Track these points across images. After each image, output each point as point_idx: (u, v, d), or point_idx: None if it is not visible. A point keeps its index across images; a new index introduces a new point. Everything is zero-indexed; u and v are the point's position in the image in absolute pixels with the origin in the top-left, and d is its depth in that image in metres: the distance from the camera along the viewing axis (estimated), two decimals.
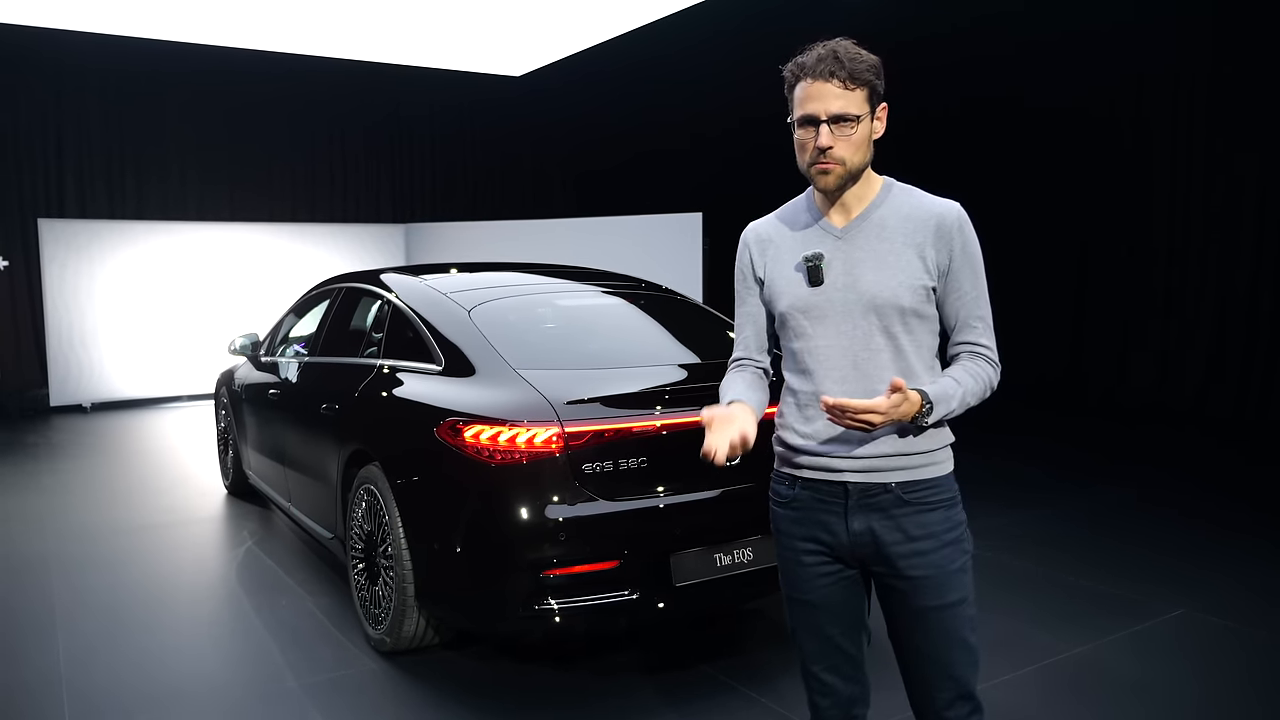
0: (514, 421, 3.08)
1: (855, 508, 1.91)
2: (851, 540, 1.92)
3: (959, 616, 1.90)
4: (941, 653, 1.90)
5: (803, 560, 2.01)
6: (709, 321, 4.28)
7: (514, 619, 3.09)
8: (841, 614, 2.00)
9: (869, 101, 1.86)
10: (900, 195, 1.95)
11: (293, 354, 5.14)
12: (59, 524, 5.53)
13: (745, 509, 3.34)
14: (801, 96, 1.87)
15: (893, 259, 1.88)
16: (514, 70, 11.95)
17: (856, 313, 1.89)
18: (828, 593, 1.99)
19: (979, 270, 1.92)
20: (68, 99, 11.01)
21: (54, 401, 9.95)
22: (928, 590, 1.88)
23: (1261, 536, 5.00)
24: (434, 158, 13.95)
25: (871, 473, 1.89)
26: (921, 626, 1.91)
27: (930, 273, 1.88)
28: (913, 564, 1.88)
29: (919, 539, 1.88)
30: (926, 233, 1.89)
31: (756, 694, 3.26)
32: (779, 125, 2.04)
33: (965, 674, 1.91)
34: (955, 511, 1.93)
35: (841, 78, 1.83)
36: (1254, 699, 3.25)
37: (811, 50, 1.89)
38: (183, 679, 3.47)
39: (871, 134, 1.90)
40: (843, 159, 1.86)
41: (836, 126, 1.84)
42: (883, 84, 1.89)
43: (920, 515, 1.89)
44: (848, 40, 1.89)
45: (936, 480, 1.91)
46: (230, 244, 10.87)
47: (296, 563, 4.77)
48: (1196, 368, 8.73)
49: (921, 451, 1.90)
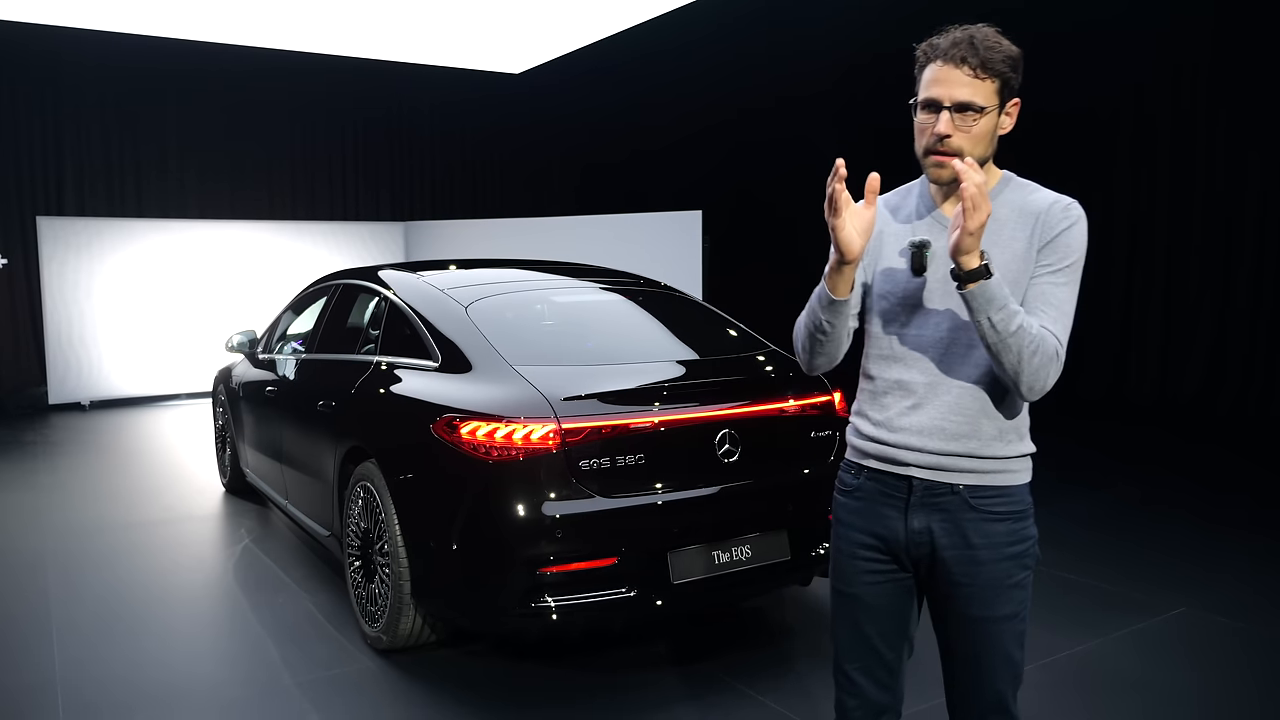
0: (511, 418, 3.06)
1: (917, 505, 1.84)
2: (909, 538, 1.86)
3: (1006, 631, 1.83)
4: (982, 662, 1.85)
5: (856, 554, 1.93)
6: (708, 318, 4.26)
7: (511, 616, 3.07)
8: (883, 616, 1.94)
9: (999, 94, 1.76)
10: (1016, 189, 1.85)
11: (290, 351, 5.12)
12: (56, 521, 5.51)
13: (744, 506, 3.33)
14: (928, 79, 1.78)
15: (997, 251, 1.78)
16: (513, 68, 11.94)
17: (954, 303, 1.80)
18: (874, 591, 1.92)
19: (1071, 262, 1.77)
20: (67, 96, 10.99)
21: (52, 399, 9.93)
22: (977, 600, 1.82)
23: (1262, 535, 4.99)
24: (433, 155, 13.94)
25: (939, 470, 1.82)
26: (966, 634, 1.86)
27: (1034, 263, 1.78)
28: (966, 572, 1.82)
29: (978, 548, 1.81)
30: (1038, 222, 1.79)
31: (755, 692, 3.24)
32: (778, 122, 2.02)
33: (1003, 687, 1.86)
34: (1023, 526, 1.84)
35: (973, 65, 1.72)
36: (1255, 697, 3.24)
37: (948, 32, 1.78)
38: (179, 677, 3.45)
39: (996, 129, 1.79)
40: (960, 149, 1.75)
41: (959, 115, 1.74)
42: (1018, 78, 1.77)
43: (984, 524, 1.81)
44: (990, 27, 1.77)
45: (1008, 489, 1.83)
46: (229, 242, 10.85)
47: (294, 560, 4.75)
48: (1197, 366, 8.71)
49: (996, 457, 1.82)
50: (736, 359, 3.79)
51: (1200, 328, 8.70)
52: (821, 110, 11.95)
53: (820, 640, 3.71)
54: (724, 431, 3.29)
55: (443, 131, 13.82)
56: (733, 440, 3.30)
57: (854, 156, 1.96)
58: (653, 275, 4.84)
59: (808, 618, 3.94)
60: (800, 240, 12.72)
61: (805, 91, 11.82)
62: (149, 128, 11.53)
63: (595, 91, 13.27)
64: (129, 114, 11.36)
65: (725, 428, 3.30)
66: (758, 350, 3.88)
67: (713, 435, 3.28)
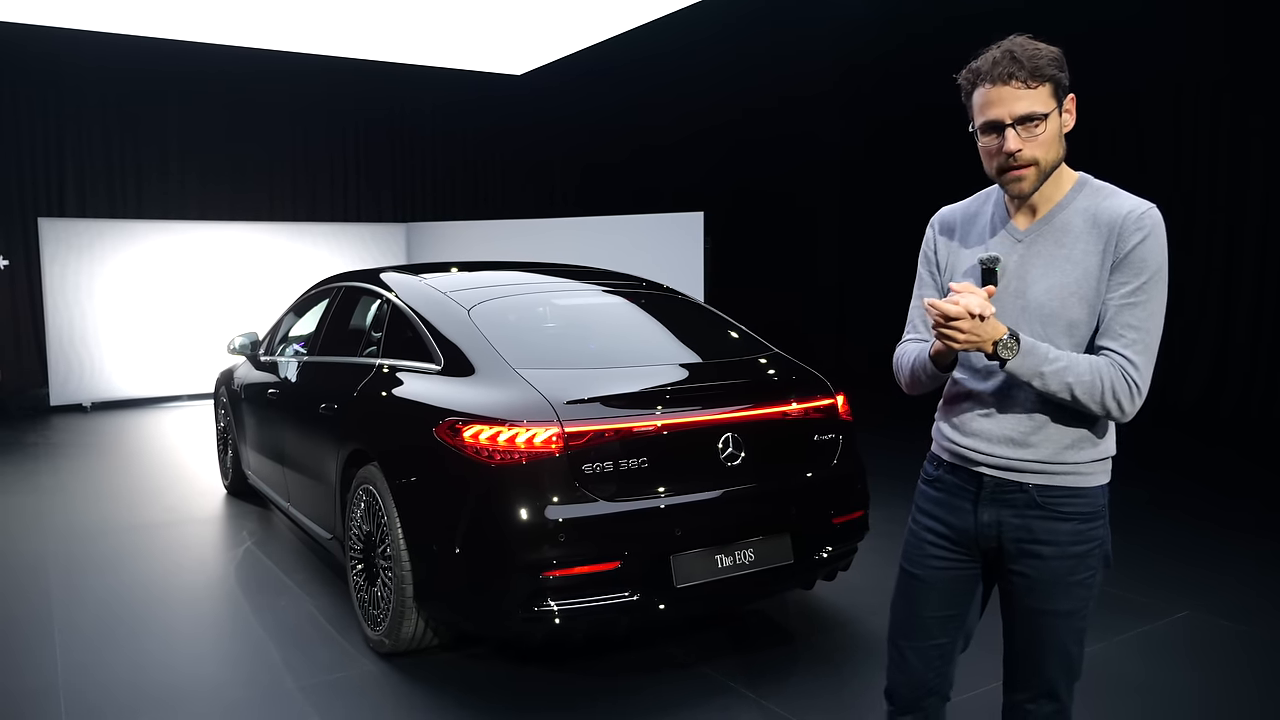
0: (513, 421, 3.06)
1: (987, 500, 1.92)
2: (978, 530, 1.93)
3: (1063, 627, 1.89)
4: (1035, 652, 1.92)
5: (926, 538, 2.02)
6: (711, 321, 4.25)
7: (514, 620, 3.07)
8: (942, 597, 2.01)
9: (1054, 96, 1.78)
10: (1090, 195, 1.84)
11: (292, 353, 5.12)
12: (58, 523, 5.51)
13: (747, 510, 3.33)
14: (981, 103, 1.80)
15: (1069, 266, 1.80)
16: (515, 69, 11.93)
17: (1022, 321, 1.83)
18: (937, 575, 2.00)
19: (1151, 278, 1.75)
20: (68, 97, 10.99)
21: (54, 401, 9.93)
22: (1036, 593, 1.89)
23: (1267, 538, 4.98)
24: (435, 157, 13.92)
25: (1008, 471, 1.89)
26: (1024, 623, 1.93)
27: (1106, 276, 1.78)
28: (1029, 564, 1.88)
29: (1043, 543, 1.87)
30: (1111, 235, 1.78)
31: (758, 696, 3.24)
32: (780, 122, 2.03)
33: (1054, 676, 1.93)
34: (1092, 527, 1.88)
35: (1022, 78, 1.75)
36: (1258, 700, 3.23)
37: (986, 54, 1.81)
38: (181, 679, 3.45)
39: (1061, 128, 1.81)
40: (1035, 159, 1.78)
41: (1023, 127, 1.76)
42: (1067, 75, 1.79)
43: (1051, 522, 1.87)
44: (1022, 36, 1.80)
45: (1079, 490, 1.87)
46: (231, 243, 10.85)
47: (295, 563, 4.75)
48: (1201, 368, 8.70)
49: (1067, 461, 1.86)
50: (739, 362, 3.79)
51: (1203, 330, 8.69)
52: (824, 110, 11.95)
53: (822, 644, 3.70)
54: (727, 435, 3.29)
55: (445, 132, 13.81)
56: (736, 443, 3.29)
57: (857, 155, 1.97)
58: (654, 277, 4.83)
59: (811, 621, 3.93)
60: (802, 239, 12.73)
61: (807, 92, 11.81)
62: (150, 129, 11.52)
63: (597, 93, 13.26)
64: (130, 115, 11.36)
65: (728, 431, 3.29)
66: (760, 353, 3.88)
67: (716, 438, 3.27)
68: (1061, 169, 1.85)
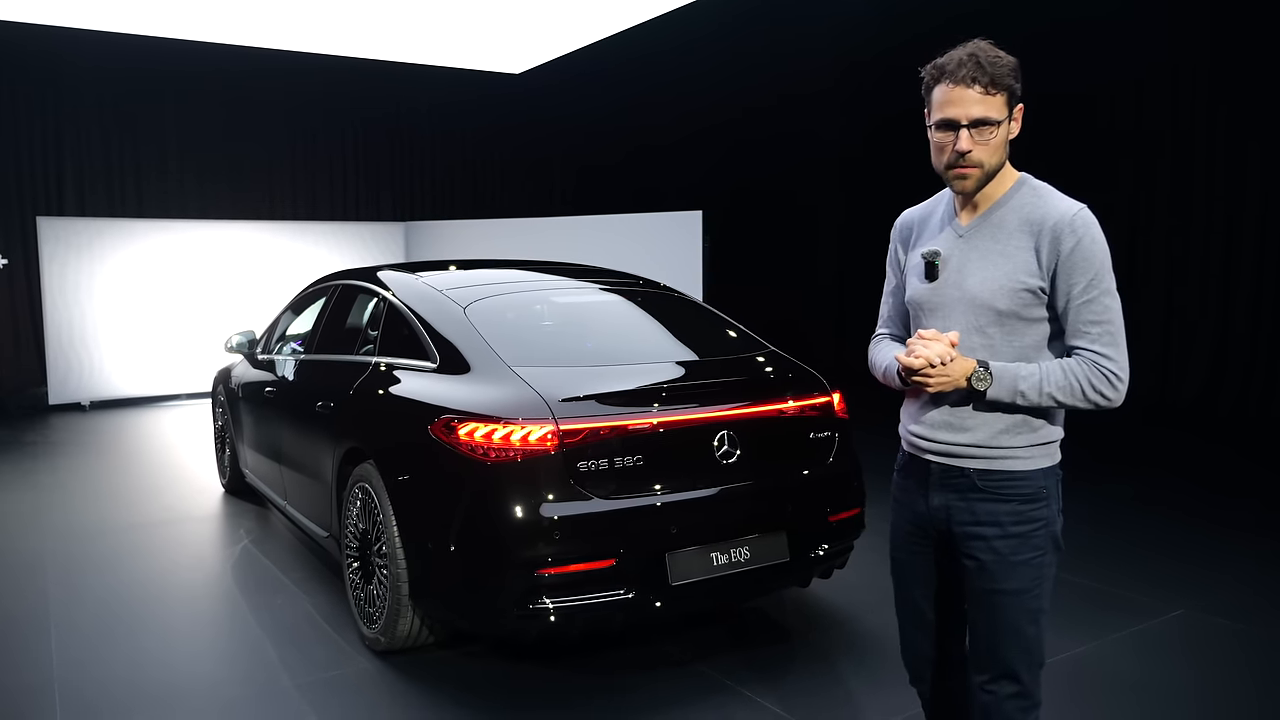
0: (509, 419, 3.06)
1: (935, 485, 2.04)
2: (930, 513, 2.06)
3: (1014, 605, 1.97)
4: (990, 632, 2.00)
5: (900, 526, 2.18)
6: (708, 319, 4.25)
7: (509, 618, 3.07)
8: (920, 580, 2.15)
9: (1008, 105, 1.90)
10: (1027, 194, 1.97)
11: (289, 352, 5.12)
12: (56, 522, 5.51)
13: (743, 508, 3.33)
14: (940, 100, 1.91)
15: (1003, 261, 1.92)
16: (513, 68, 11.93)
17: (959, 310, 1.97)
18: (910, 559, 2.16)
19: (1096, 273, 1.88)
20: (67, 96, 10.99)
21: (53, 400, 9.93)
22: (985, 574, 1.98)
23: (1261, 536, 4.98)
24: (433, 155, 13.93)
25: (951, 457, 2.01)
26: (977, 604, 2.02)
27: (1041, 274, 1.90)
28: (975, 546, 1.99)
29: (986, 524, 1.97)
30: (1043, 234, 1.90)
31: (753, 694, 3.24)
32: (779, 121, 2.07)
33: (1011, 657, 1.99)
34: (1033, 508, 1.97)
35: (983, 83, 1.86)
36: (1253, 698, 3.23)
37: (952, 53, 1.91)
38: (178, 678, 3.45)
39: (1008, 135, 1.93)
40: (981, 162, 1.91)
41: (976, 131, 1.88)
42: (1020, 85, 1.92)
43: (991, 504, 1.97)
44: (986, 41, 1.90)
45: (1018, 474, 1.97)
46: (229, 242, 10.84)
47: (292, 562, 4.75)
48: (1198, 366, 8.69)
49: (1003, 446, 1.96)
50: (736, 360, 3.79)
51: (1201, 328, 8.68)
52: (822, 108, 11.94)
53: (818, 642, 3.70)
54: (723, 432, 3.29)
55: (443, 131, 13.81)
56: (732, 441, 3.29)
57: (855, 152, 2.01)
58: (653, 276, 4.83)
59: (806, 619, 3.93)
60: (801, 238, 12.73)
61: (806, 90, 11.81)
62: (149, 128, 11.52)
63: (595, 91, 13.26)
64: (129, 114, 11.36)
65: (724, 429, 3.29)
66: (757, 351, 3.88)
67: (711, 436, 3.27)
68: (1005, 169, 1.97)
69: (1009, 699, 2.00)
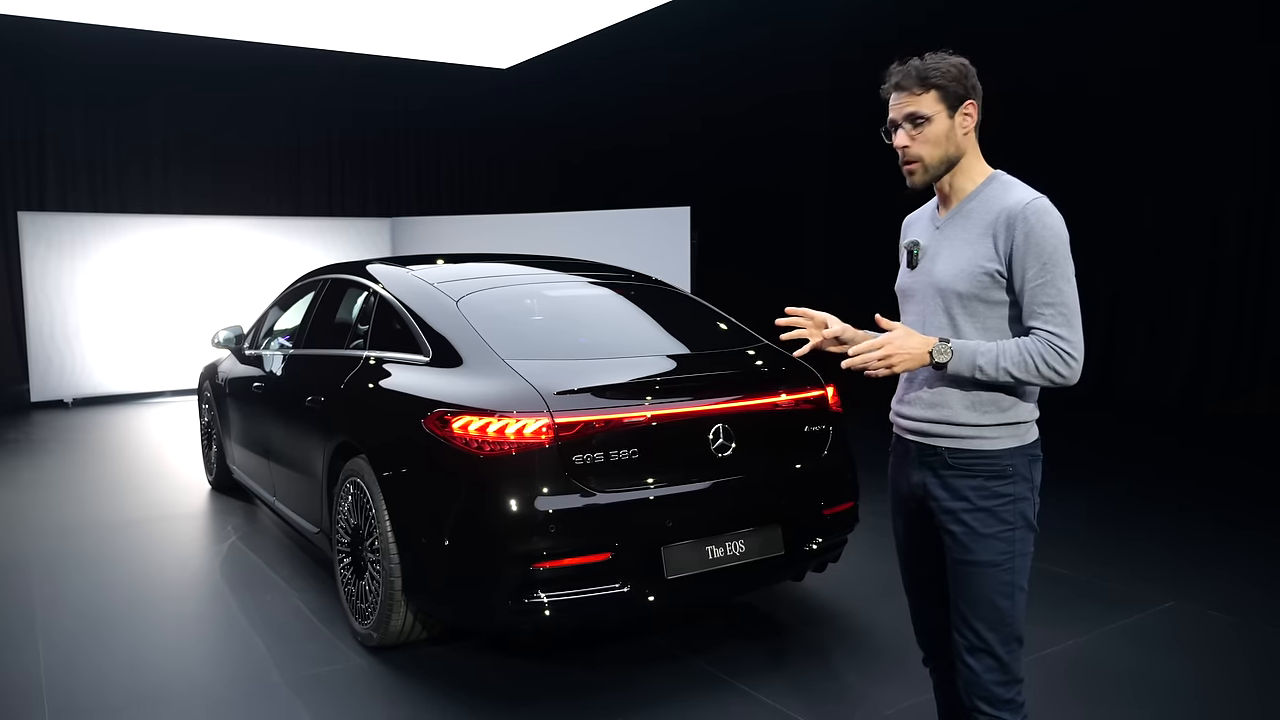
0: (503, 412, 3.03)
1: (914, 462, 2.17)
2: (911, 489, 2.18)
3: (986, 577, 2.05)
4: (965, 604, 2.09)
5: (894, 500, 2.29)
6: (700, 312, 4.24)
7: (503, 613, 3.05)
8: (918, 555, 2.26)
9: (941, 101, 2.04)
10: (995, 188, 2.08)
11: (277, 347, 5.07)
12: (40, 521, 5.44)
13: (738, 501, 3.32)
14: (888, 108, 2.11)
15: (966, 248, 2.06)
16: (501, 63, 11.88)
17: (929, 295, 2.12)
18: (904, 532, 2.29)
19: (1049, 259, 1.97)
20: (49, 90, 10.87)
21: (35, 397, 9.82)
22: (958, 545, 2.08)
23: (1252, 529, 5.01)
24: (420, 151, 13.87)
25: (924, 436, 2.13)
26: (953, 576, 2.12)
27: (999, 259, 2.01)
28: (947, 520, 2.10)
29: (955, 497, 2.08)
30: (1000, 222, 2.02)
31: (749, 688, 3.23)
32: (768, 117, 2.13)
33: (984, 629, 2.06)
34: (1000, 484, 2.06)
35: (908, 85, 2.05)
36: (1244, 689, 3.25)
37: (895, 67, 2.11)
38: (166, 676, 3.41)
39: (950, 130, 2.05)
40: (919, 156, 2.06)
41: (911, 127, 2.06)
42: (963, 84, 2.04)
43: (960, 480, 2.08)
44: (938, 53, 2.07)
45: (985, 452, 2.06)
46: (214, 237, 10.74)
47: (282, 558, 4.71)
48: (1188, 362, 8.74)
49: (969, 424, 2.06)
50: (729, 353, 3.78)
51: (1187, 325, 8.74)
52: (810, 105, 11.95)
53: (813, 635, 3.70)
54: (718, 426, 3.28)
55: (430, 127, 13.76)
56: (726, 434, 3.28)
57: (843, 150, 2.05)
58: (642, 271, 4.81)
59: (801, 613, 3.92)
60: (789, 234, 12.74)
61: (794, 87, 11.81)
62: (132, 122, 11.42)
63: (583, 87, 13.23)
64: (112, 108, 11.25)
65: (719, 422, 3.28)
66: (750, 344, 3.87)
67: (706, 429, 3.26)
68: (975, 165, 2.11)
69: (988, 672, 2.07)
